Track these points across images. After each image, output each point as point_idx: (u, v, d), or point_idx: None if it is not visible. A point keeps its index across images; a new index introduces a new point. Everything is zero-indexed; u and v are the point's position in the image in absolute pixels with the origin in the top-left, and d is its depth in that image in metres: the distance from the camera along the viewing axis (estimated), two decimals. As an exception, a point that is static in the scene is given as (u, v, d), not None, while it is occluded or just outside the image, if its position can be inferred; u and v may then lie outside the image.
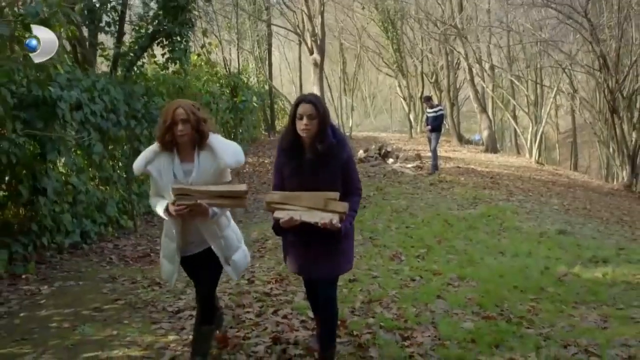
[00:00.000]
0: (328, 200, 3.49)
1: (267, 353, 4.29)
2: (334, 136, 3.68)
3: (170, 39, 10.54)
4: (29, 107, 6.33)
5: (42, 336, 4.77)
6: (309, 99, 3.66)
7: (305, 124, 3.57)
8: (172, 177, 3.65)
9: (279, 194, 3.63)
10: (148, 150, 3.75)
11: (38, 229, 7.04)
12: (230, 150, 3.71)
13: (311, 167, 3.64)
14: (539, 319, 5.29)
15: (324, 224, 3.46)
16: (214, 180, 3.68)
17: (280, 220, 3.55)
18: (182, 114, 3.55)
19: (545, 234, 9.49)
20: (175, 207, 3.57)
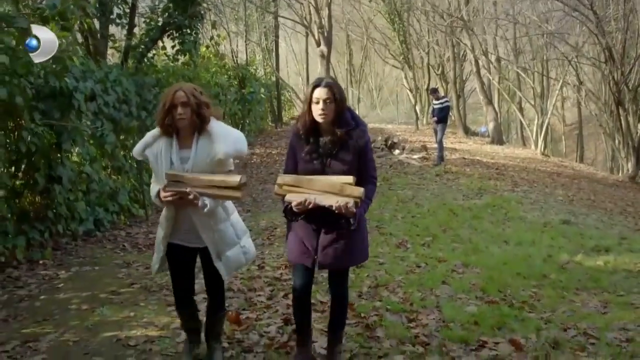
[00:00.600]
0: (344, 185, 3.34)
1: (278, 333, 4.48)
2: (353, 119, 3.58)
3: (181, 31, 10.74)
4: (46, 98, 6.51)
5: (62, 317, 4.97)
6: (325, 83, 3.50)
7: (322, 108, 3.43)
8: (169, 163, 3.53)
9: (291, 177, 3.49)
10: (148, 134, 3.64)
11: (54, 217, 7.23)
12: (230, 137, 3.54)
13: (328, 151, 3.50)
14: (541, 304, 5.46)
15: (339, 208, 3.30)
16: (211, 169, 3.53)
17: (292, 203, 3.42)
18: (182, 97, 3.42)
19: (549, 224, 9.66)
20: (165, 193, 3.46)
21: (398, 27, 29.27)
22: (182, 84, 3.61)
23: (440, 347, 4.24)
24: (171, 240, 3.69)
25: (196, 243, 3.69)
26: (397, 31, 29.41)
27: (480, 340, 4.37)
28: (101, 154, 8.64)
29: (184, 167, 3.52)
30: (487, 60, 24.88)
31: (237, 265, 3.83)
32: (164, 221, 3.68)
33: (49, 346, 4.37)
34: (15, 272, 6.27)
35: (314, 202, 3.35)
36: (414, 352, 4.14)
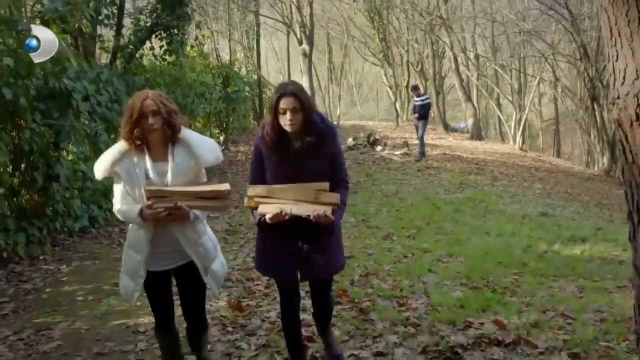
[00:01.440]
0: (318, 192, 3.20)
1: (278, 318, 4.75)
2: (323, 123, 3.40)
3: (169, 31, 10.94)
4: (45, 98, 6.73)
5: (70, 308, 5.24)
6: (290, 91, 3.26)
7: (290, 119, 3.22)
8: (144, 177, 3.21)
9: (262, 187, 3.28)
10: (112, 149, 3.28)
11: (52, 214, 7.45)
12: (207, 145, 3.38)
13: (298, 158, 3.31)
14: (521, 290, 5.80)
15: (317, 217, 3.14)
16: (191, 180, 3.33)
17: (266, 215, 3.20)
18: (151, 105, 3.14)
19: (527, 216, 10.04)
20: (152, 210, 3.12)
21: (378, 25, 29.64)
22: (147, 91, 3.28)
23: (430, 328, 4.57)
24: (151, 268, 3.36)
25: (174, 263, 3.42)
26: (377, 29, 29.78)
27: (466, 321, 4.70)
28: (95, 153, 8.83)
29: (162, 180, 3.23)
30: (465, 58, 25.31)
31: (222, 277, 3.64)
32: (143, 243, 3.30)
33: (62, 334, 4.65)
34: (18, 267, 6.50)
35: (290, 213, 3.16)
36: (406, 332, 4.47)
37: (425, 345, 4.21)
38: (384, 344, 4.25)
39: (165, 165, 3.25)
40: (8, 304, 5.39)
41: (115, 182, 3.31)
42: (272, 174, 3.36)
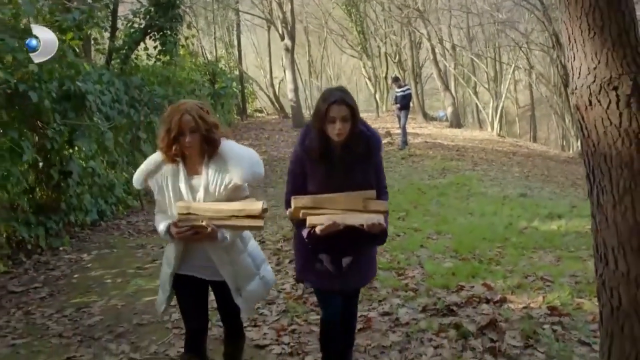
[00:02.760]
0: (367, 200, 3.10)
1: (293, 289, 5.40)
2: (367, 130, 3.28)
3: (162, 32, 11.44)
4: (62, 100, 7.24)
5: (102, 289, 5.80)
6: (341, 99, 3.12)
7: (339, 128, 3.09)
8: (178, 193, 3.14)
9: (308, 198, 3.12)
10: (149, 160, 3.20)
11: (67, 208, 7.97)
12: (245, 161, 3.13)
13: (345, 167, 3.20)
14: (505, 260, 6.45)
15: (370, 226, 3.02)
16: (225, 197, 3.14)
17: (317, 227, 3.05)
18: (189, 122, 3.01)
19: (507, 197, 10.72)
20: (177, 228, 3.04)
21: (355, 18, 30.20)
22: (186, 103, 3.14)
23: (427, 291, 5.22)
24: (180, 272, 3.27)
25: (211, 277, 3.29)
26: (355, 22, 30.34)
27: (458, 285, 5.35)
28: (102, 150, 9.34)
29: (194, 196, 3.13)
30: (442, 48, 25.98)
31: (258, 298, 3.53)
32: (171, 258, 3.25)
33: (101, 310, 5.22)
34: (43, 257, 7.02)
35: (344, 224, 3.04)
36: (406, 296, 5.12)
37: (424, 305, 4.87)
38: (389, 306, 4.90)
39: (199, 179, 3.14)
40: (42, 289, 5.92)
41: (155, 195, 3.24)
42: (317, 184, 3.21)
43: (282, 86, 30.74)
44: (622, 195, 2.45)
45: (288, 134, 21.05)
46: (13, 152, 6.28)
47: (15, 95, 6.17)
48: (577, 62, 2.51)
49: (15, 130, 6.33)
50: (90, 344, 4.51)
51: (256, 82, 29.14)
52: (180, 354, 3.69)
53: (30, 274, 6.44)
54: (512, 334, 4.29)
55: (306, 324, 4.66)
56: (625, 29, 2.41)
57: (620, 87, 2.40)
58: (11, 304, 5.52)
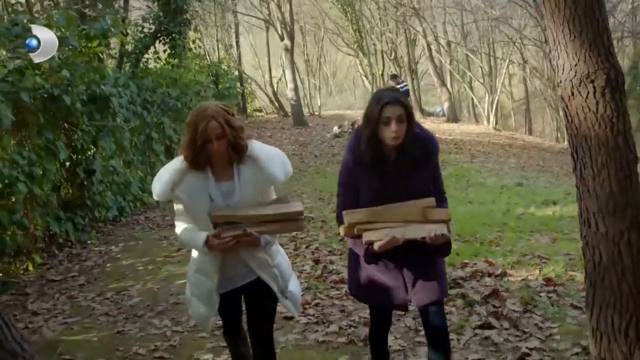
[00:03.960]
0: (425, 209, 2.88)
1: (313, 269, 5.92)
2: (422, 132, 3.08)
3: (171, 36, 11.95)
4: (88, 103, 7.76)
5: (136, 275, 6.33)
6: (395, 99, 2.93)
7: (395, 130, 2.88)
8: (208, 200, 2.95)
9: (362, 212, 2.88)
10: (170, 169, 2.98)
11: (91, 204, 8.48)
12: (277, 160, 3.01)
13: (400, 174, 2.98)
14: (504, 242, 6.99)
15: (433, 238, 2.81)
16: (260, 200, 3.00)
17: (374, 244, 2.83)
18: (216, 128, 2.83)
19: (505, 187, 11.27)
20: (219, 240, 2.87)
21: (351, 17, 30.69)
22: (210, 108, 2.90)
23: (435, 268, 5.76)
24: (221, 290, 3.13)
25: (243, 280, 3.14)
26: (350, 20, 30.84)
27: (462, 262, 5.89)
28: (120, 150, 9.85)
29: (227, 203, 2.97)
30: (437, 45, 26.51)
31: (299, 296, 3.35)
32: (212, 270, 3.07)
33: (138, 292, 5.75)
34: (74, 250, 7.54)
35: (403, 238, 2.82)
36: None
37: (433, 280, 5.40)
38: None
39: (231, 185, 2.97)
40: (79, 277, 6.44)
41: (175, 204, 3.07)
42: (370, 195, 3.00)
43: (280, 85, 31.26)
44: (600, 169, 2.98)
45: (290, 131, 21.59)
46: (48, 152, 6.81)
47: (49, 99, 6.68)
48: (561, 60, 3.03)
49: (50, 132, 6.85)
50: (135, 320, 5.04)
51: (255, 81, 29.64)
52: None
53: (65, 265, 6.95)
54: (512, 301, 4.84)
55: (328, 298, 5.20)
56: (599, 33, 2.93)
57: (596, 81, 2.92)
58: (53, 290, 6.03)
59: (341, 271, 5.84)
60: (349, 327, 4.60)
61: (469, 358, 3.95)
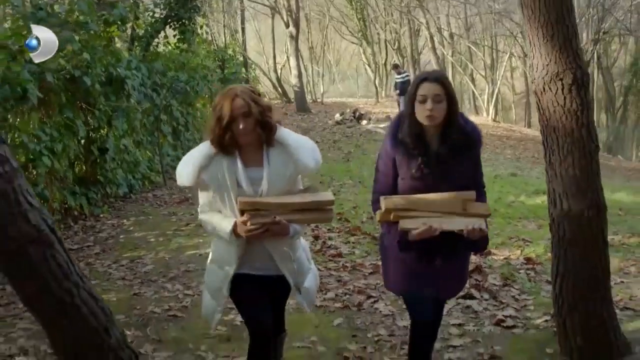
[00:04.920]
0: (466, 202, 2.83)
1: (313, 245, 6.39)
2: (465, 123, 2.98)
3: (181, 22, 12.37)
4: (105, 84, 8.20)
5: (148, 246, 6.80)
6: (434, 76, 2.89)
7: (430, 108, 2.80)
8: (236, 186, 2.86)
9: (401, 198, 2.84)
10: (197, 153, 2.91)
11: (103, 181, 8.95)
12: (307, 147, 2.93)
13: (440, 164, 2.90)
14: (493, 227, 7.39)
15: (471, 232, 2.77)
16: (288, 189, 2.91)
17: (411, 231, 2.79)
18: (242, 106, 2.75)
19: (499, 176, 11.74)
20: (248, 226, 2.76)
21: (356, 6, 31.05)
22: (236, 87, 2.88)
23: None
24: (240, 271, 2.99)
25: (267, 273, 3.04)
26: (355, 9, 31.21)
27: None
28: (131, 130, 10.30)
29: (256, 189, 2.87)
30: (440, 37, 26.88)
31: (314, 292, 3.30)
32: (231, 259, 2.97)
33: (152, 261, 6.22)
34: (88, 222, 8.01)
35: (440, 228, 2.78)
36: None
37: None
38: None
39: (260, 171, 2.88)
40: (94, 247, 6.91)
41: (200, 189, 2.99)
42: (408, 182, 2.94)
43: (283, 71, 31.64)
44: (565, 155, 3.44)
45: (292, 117, 22.03)
46: (68, 129, 7.27)
47: (70, 80, 7.13)
48: (536, 60, 3.49)
49: (71, 110, 7.31)
50: (150, 285, 5.51)
51: (259, 67, 30.04)
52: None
53: (81, 236, 7.42)
54: (493, 276, 5.33)
55: (326, 269, 5.67)
56: (568, 37, 3.38)
57: (564, 79, 3.37)
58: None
59: (339, 247, 6.34)
60: (345, 294, 5.08)
61: (451, 322, 4.42)
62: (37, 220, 2.32)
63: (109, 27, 7.74)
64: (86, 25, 7.16)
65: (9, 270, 2.37)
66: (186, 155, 2.96)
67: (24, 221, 2.26)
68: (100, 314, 2.52)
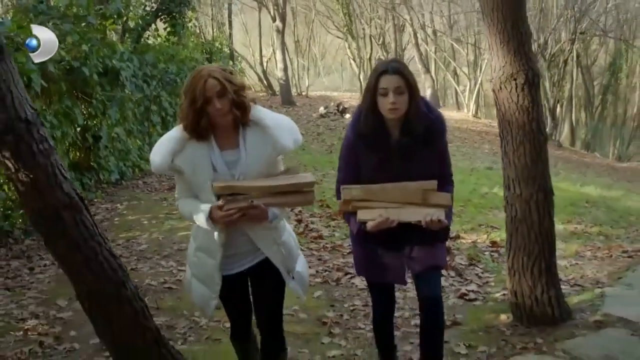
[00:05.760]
0: (426, 192, 2.78)
1: (296, 228, 6.88)
2: (429, 111, 2.94)
3: (172, 15, 12.78)
4: (100, 75, 8.63)
5: (142, 228, 7.24)
6: (393, 68, 2.81)
7: (393, 102, 2.77)
8: (212, 170, 2.75)
9: (359, 188, 2.82)
10: (169, 138, 2.81)
11: (97, 167, 9.37)
12: (285, 126, 2.81)
13: (403, 154, 2.88)
14: (465, 215, 7.99)
15: (429, 223, 2.74)
16: (267, 171, 2.80)
17: (367, 223, 2.80)
18: (215, 86, 2.62)
19: (475, 169, 12.31)
20: (224, 211, 2.66)
21: (341, 1, 31.47)
22: (207, 67, 2.74)
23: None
24: (225, 272, 2.92)
25: (250, 262, 2.94)
26: (341, 4, 31.62)
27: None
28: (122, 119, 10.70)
29: (232, 173, 2.77)
30: (424, 33, 27.42)
31: (307, 278, 3.16)
32: (215, 247, 2.85)
33: (146, 241, 6.68)
34: (83, 206, 8.43)
35: (398, 220, 2.77)
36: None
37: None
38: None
39: (237, 154, 2.78)
40: (91, 228, 7.35)
41: (176, 177, 2.91)
42: (370, 172, 2.93)
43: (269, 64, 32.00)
44: (518, 145, 3.95)
45: (277, 110, 22.25)
46: (67, 117, 7.69)
47: (69, 70, 7.56)
48: (494, 62, 4.00)
49: (69, 100, 7.73)
50: (146, 261, 5.98)
51: (245, 60, 30.41)
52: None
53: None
54: (460, 257, 5.87)
55: (308, 250, 6.17)
56: (522, 43, 3.89)
57: (518, 79, 3.88)
58: (70, 237, 6.95)
59: (320, 230, 6.84)
60: (325, 271, 5.60)
61: (419, 295, 4.94)
62: (69, 189, 2.80)
63: (105, 20, 8.16)
64: (85, 18, 7.58)
65: (46, 232, 2.85)
66: (158, 141, 2.85)
67: (60, 190, 2.74)
68: (118, 270, 2.98)
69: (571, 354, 3.68)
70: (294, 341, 4.09)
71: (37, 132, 2.73)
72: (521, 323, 4.16)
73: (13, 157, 2.63)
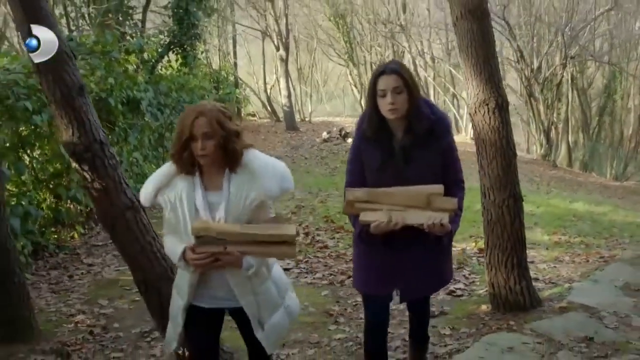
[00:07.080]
0: (431, 196, 2.79)
1: (304, 239, 7.62)
2: (432, 112, 2.96)
3: (183, 48, 13.65)
4: (123, 104, 9.44)
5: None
6: (390, 68, 2.85)
7: (391, 102, 2.80)
8: (193, 210, 2.72)
9: (363, 191, 2.85)
10: (159, 172, 2.84)
11: (118, 189, 10.13)
12: (276, 172, 2.72)
13: (405, 155, 2.91)
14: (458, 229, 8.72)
15: (432, 226, 2.74)
16: (250, 217, 2.72)
17: (370, 224, 2.80)
18: (203, 126, 2.61)
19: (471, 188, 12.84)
20: (195, 254, 2.64)
21: (342, 29, 32.48)
22: (205, 105, 2.73)
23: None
24: (195, 303, 2.87)
25: (228, 304, 2.89)
26: (342, 32, 32.62)
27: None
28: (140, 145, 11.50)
29: (214, 215, 2.72)
30: (423, 61, 28.36)
31: (282, 332, 3.01)
32: (184, 287, 2.83)
33: (169, 252, 7.41)
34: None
35: (402, 222, 2.77)
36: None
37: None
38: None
39: (220, 195, 2.73)
40: (117, 243, 8.11)
41: (163, 212, 2.87)
42: (373, 174, 2.97)
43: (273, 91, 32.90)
44: (491, 159, 4.73)
45: (282, 135, 23.30)
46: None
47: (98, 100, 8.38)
48: (469, 90, 4.79)
49: (98, 127, 8.52)
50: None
51: (250, 87, 31.36)
52: None
53: (103, 234, 8.58)
54: (450, 261, 6.59)
55: (315, 257, 6.94)
56: (492, 74, 4.67)
57: (489, 104, 4.66)
58: (99, 251, 7.72)
59: (326, 241, 7.60)
60: (330, 275, 6.35)
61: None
62: (131, 195, 3.60)
63: (128, 55, 8.99)
64: (110, 53, 8.41)
65: (113, 228, 3.64)
66: (151, 174, 2.88)
67: (124, 195, 3.55)
68: (167, 258, 3.75)
69: (537, 331, 4.44)
70: (305, 328, 4.83)
71: (108, 151, 3.54)
72: (498, 310, 4.90)
73: (90, 170, 3.44)
